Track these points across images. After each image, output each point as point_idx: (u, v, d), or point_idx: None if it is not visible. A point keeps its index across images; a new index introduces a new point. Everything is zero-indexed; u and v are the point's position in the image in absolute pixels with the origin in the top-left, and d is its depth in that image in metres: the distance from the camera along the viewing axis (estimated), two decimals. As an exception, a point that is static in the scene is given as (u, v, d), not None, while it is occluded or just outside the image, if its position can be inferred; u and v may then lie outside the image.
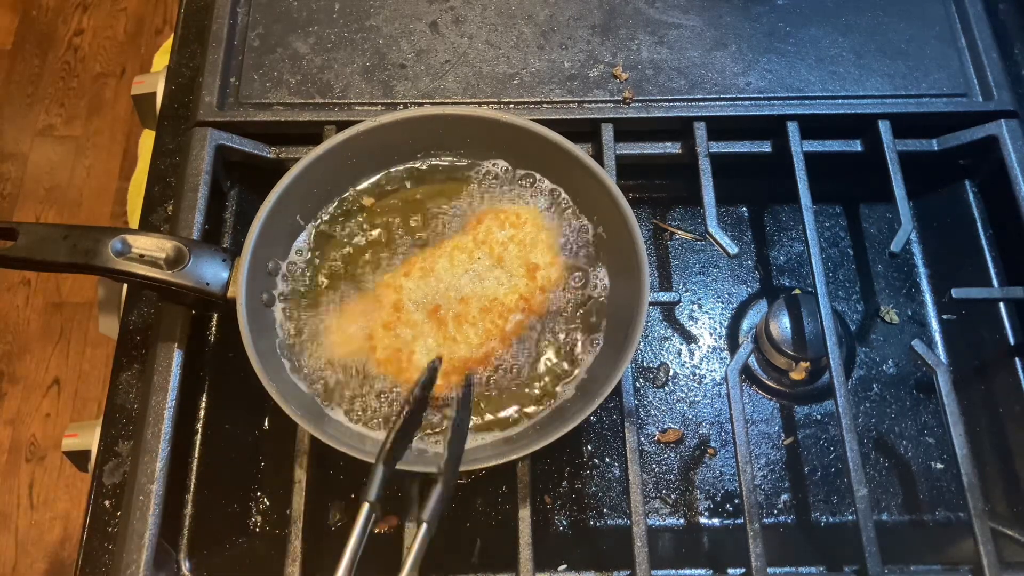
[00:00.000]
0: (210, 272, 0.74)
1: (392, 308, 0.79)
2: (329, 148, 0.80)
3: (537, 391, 0.77)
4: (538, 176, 0.84)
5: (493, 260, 0.81)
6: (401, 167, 0.85)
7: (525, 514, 0.74)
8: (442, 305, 0.78)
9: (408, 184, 0.85)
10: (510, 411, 0.76)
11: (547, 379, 0.77)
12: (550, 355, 0.78)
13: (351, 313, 0.79)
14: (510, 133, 0.82)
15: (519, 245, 0.81)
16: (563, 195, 0.84)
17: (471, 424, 0.74)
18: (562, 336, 0.79)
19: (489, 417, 0.76)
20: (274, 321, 0.78)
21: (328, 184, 0.83)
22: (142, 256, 0.73)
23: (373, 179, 0.85)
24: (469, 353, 0.77)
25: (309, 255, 0.81)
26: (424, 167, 0.85)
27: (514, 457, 0.69)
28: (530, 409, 0.76)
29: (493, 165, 0.85)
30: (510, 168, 0.85)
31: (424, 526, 0.61)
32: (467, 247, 0.81)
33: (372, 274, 0.81)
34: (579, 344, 0.78)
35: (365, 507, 0.62)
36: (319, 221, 0.83)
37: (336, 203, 0.84)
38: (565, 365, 0.78)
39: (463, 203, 0.84)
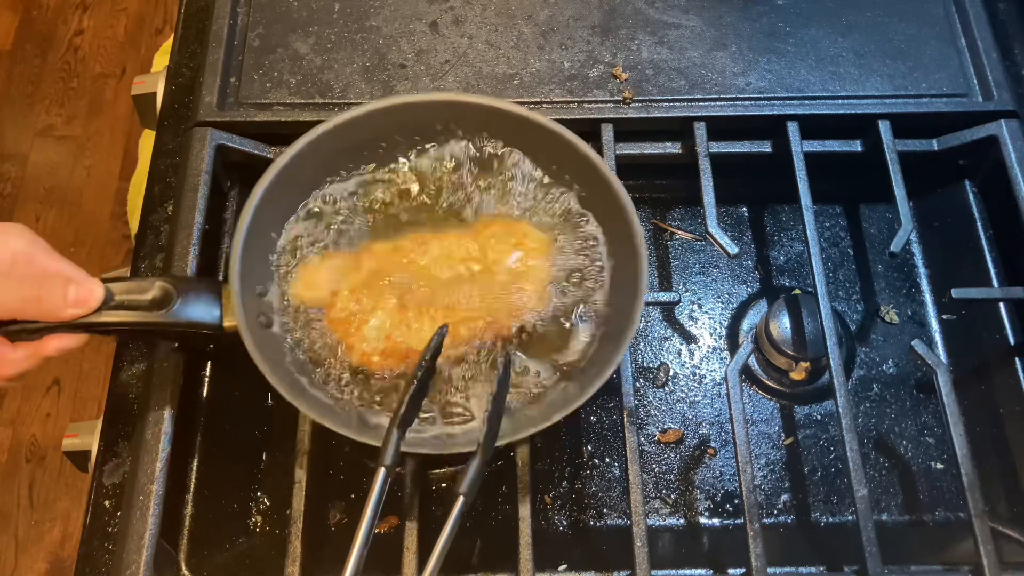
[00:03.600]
0: (201, 307, 0.71)
1: (368, 274, 0.77)
2: (295, 154, 0.77)
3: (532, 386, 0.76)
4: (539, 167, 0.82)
5: (483, 270, 0.78)
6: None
7: (525, 514, 0.74)
8: (414, 290, 0.77)
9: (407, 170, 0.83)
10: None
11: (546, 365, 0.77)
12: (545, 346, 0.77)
13: (328, 268, 0.78)
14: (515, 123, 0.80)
15: (509, 272, 0.78)
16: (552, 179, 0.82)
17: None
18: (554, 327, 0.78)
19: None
20: (278, 340, 0.76)
21: (301, 188, 0.80)
22: (125, 303, 0.68)
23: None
24: (418, 344, 0.75)
25: (290, 262, 0.79)
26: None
27: (509, 440, 0.69)
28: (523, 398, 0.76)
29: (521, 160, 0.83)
30: (536, 168, 0.83)
31: (461, 499, 0.63)
32: (465, 247, 0.79)
33: (362, 240, 0.80)
34: (576, 321, 0.78)
35: (381, 472, 0.63)
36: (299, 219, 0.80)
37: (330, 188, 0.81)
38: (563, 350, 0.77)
39: (481, 197, 0.82)
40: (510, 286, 0.78)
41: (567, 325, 0.78)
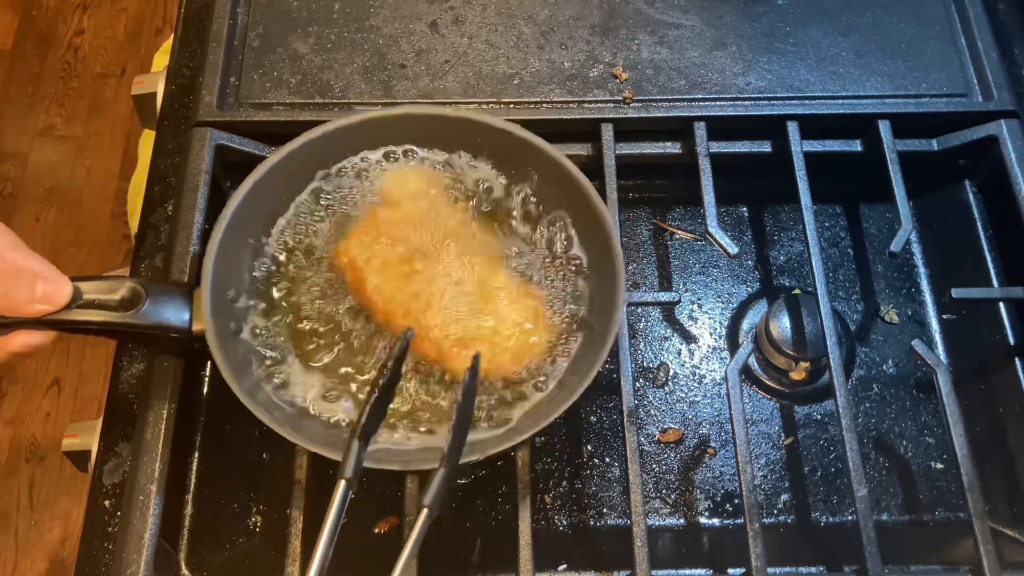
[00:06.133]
0: (170, 309, 0.70)
1: (424, 210, 0.79)
2: (276, 162, 0.77)
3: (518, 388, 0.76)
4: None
5: (481, 302, 0.76)
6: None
7: (525, 514, 0.74)
8: (421, 259, 0.77)
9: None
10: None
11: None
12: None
13: (417, 180, 0.81)
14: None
15: (485, 324, 0.76)
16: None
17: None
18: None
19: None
20: (246, 346, 0.75)
21: (284, 194, 0.80)
22: (94, 302, 0.68)
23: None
24: (376, 286, 0.76)
25: (266, 273, 0.78)
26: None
27: (508, 446, 0.69)
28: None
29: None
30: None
31: (424, 511, 0.60)
32: (469, 276, 0.77)
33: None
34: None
35: (342, 484, 0.61)
36: (277, 235, 0.80)
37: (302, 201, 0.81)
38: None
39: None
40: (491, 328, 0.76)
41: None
